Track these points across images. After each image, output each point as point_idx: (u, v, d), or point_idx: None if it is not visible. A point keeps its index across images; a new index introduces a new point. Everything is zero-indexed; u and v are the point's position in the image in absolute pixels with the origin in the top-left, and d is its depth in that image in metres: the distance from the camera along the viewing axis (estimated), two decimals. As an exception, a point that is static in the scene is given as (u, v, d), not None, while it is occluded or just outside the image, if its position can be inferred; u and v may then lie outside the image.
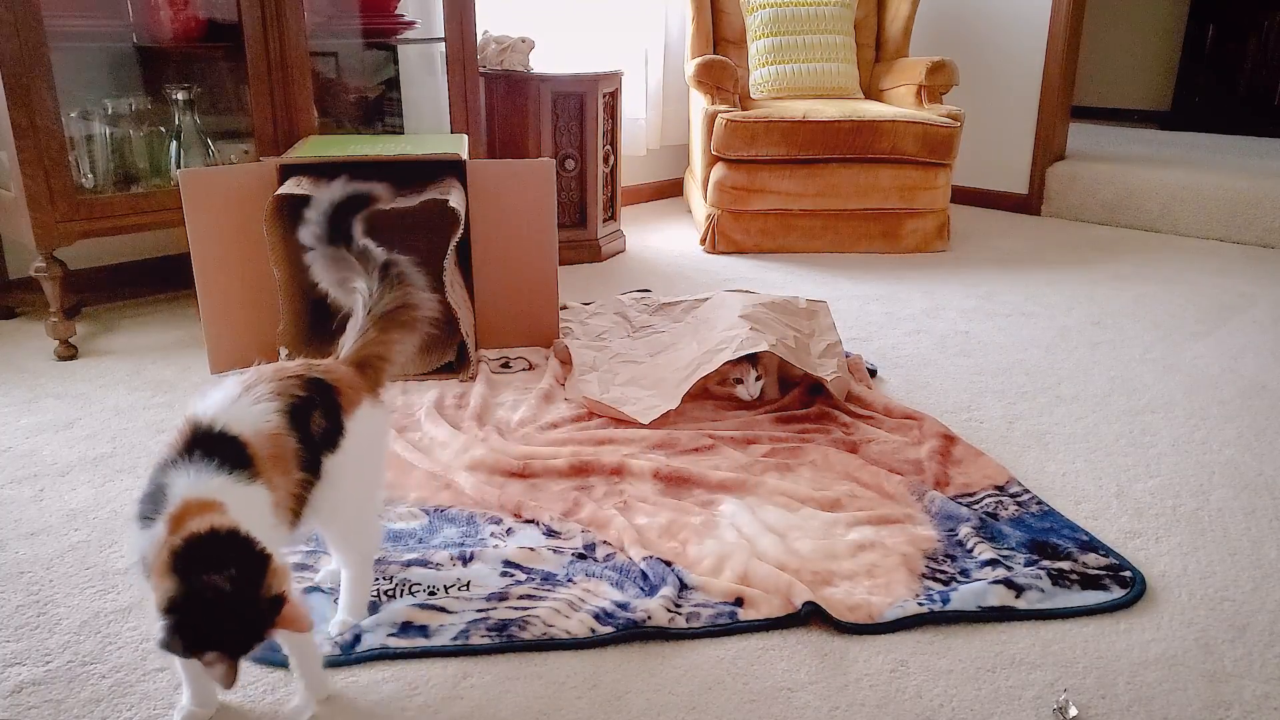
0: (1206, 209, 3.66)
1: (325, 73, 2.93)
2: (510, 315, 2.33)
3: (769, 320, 2.06)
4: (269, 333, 2.19)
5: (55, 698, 1.15)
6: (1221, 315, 2.70)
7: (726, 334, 2.00)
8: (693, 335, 2.14)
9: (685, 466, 1.69)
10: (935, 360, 2.32)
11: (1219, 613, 1.35)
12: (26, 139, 2.11)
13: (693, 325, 2.24)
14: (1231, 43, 5.22)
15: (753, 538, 1.48)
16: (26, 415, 1.94)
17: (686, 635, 1.28)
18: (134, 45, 2.52)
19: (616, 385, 2.04)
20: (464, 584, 1.36)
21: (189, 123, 2.47)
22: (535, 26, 3.52)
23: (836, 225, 3.34)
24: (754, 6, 3.63)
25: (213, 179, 2.06)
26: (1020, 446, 1.87)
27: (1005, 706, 1.16)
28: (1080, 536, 1.51)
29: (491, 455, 1.71)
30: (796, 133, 3.19)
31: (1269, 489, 1.71)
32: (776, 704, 1.16)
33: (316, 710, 1.13)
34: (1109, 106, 5.95)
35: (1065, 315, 2.69)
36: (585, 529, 1.51)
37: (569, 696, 1.17)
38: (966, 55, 4.13)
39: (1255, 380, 2.22)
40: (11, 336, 2.41)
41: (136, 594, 1.35)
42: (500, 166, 2.23)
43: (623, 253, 3.32)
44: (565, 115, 3.03)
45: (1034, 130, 4.01)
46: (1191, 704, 1.17)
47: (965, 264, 3.23)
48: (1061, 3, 3.84)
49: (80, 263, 2.65)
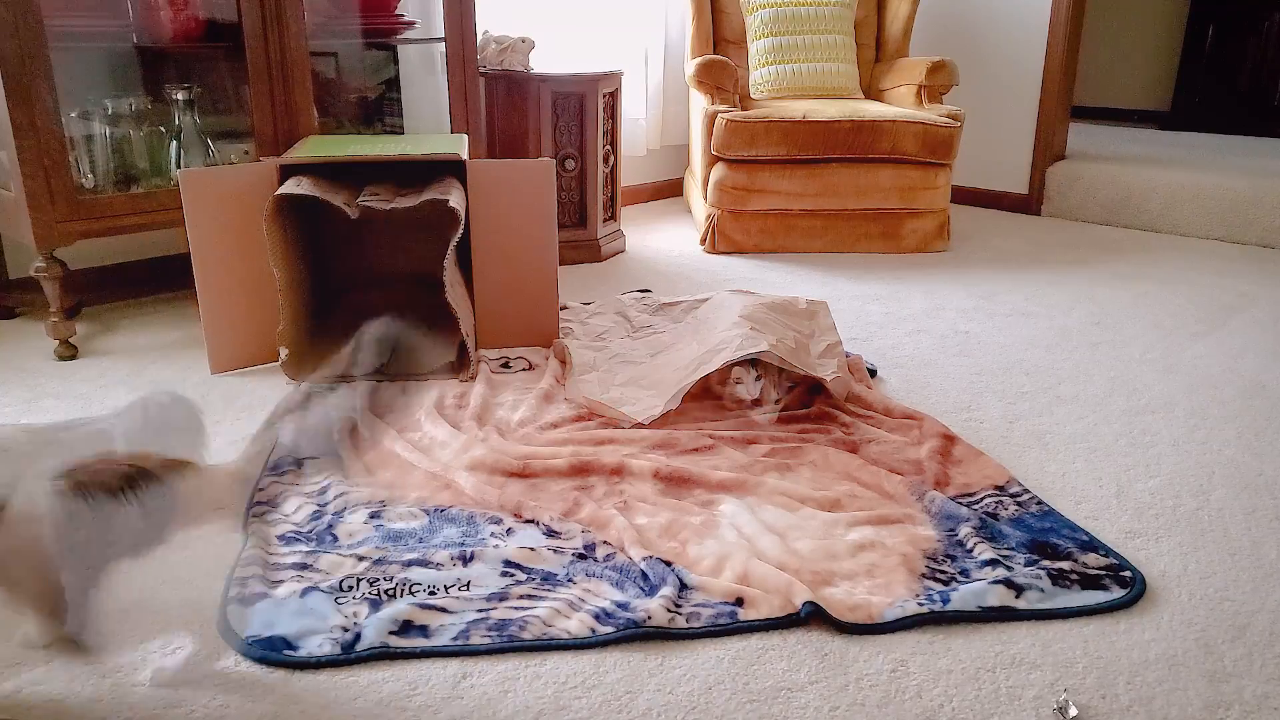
0: (1206, 209, 3.66)
1: (325, 73, 2.93)
2: (510, 315, 2.33)
3: (769, 320, 2.06)
4: (269, 333, 2.19)
5: (55, 697, 1.15)
6: (1221, 315, 2.70)
7: (726, 334, 1.99)
8: (693, 335, 2.14)
9: (685, 466, 1.69)
10: (935, 360, 2.32)
11: (1219, 613, 1.35)
12: (26, 139, 2.11)
13: (693, 325, 2.24)
14: (1231, 43, 5.22)
15: (753, 538, 1.48)
16: (26, 415, 1.94)
17: (687, 635, 1.28)
18: (134, 45, 2.52)
19: (616, 385, 2.04)
20: (464, 584, 1.36)
21: (189, 123, 2.47)
22: (535, 26, 3.52)
23: (836, 225, 3.34)
24: (754, 6, 3.63)
25: (213, 179, 2.06)
26: (1020, 446, 1.87)
27: (1005, 706, 1.16)
28: (1080, 536, 1.51)
29: (491, 455, 1.72)
30: (796, 133, 3.19)
31: (1269, 489, 1.71)
32: (776, 704, 1.16)
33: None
34: (1109, 106, 5.95)
35: (1065, 315, 2.69)
36: (585, 529, 1.51)
37: (569, 696, 1.17)
38: (966, 55, 4.13)
39: (1255, 380, 2.22)
40: (11, 336, 2.41)
41: (136, 594, 1.35)
42: (500, 166, 2.23)
43: (623, 253, 3.32)
44: (565, 115, 3.03)
45: (1034, 130, 4.01)
46: (1191, 704, 1.17)
47: (965, 264, 3.24)
48: (1061, 3, 3.84)
49: (80, 263, 2.65)
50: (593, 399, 1.95)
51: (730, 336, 1.97)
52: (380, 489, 1.64)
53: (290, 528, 1.51)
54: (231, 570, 1.39)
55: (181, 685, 1.15)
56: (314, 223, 2.49)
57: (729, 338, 1.97)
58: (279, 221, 2.07)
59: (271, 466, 1.71)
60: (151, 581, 1.38)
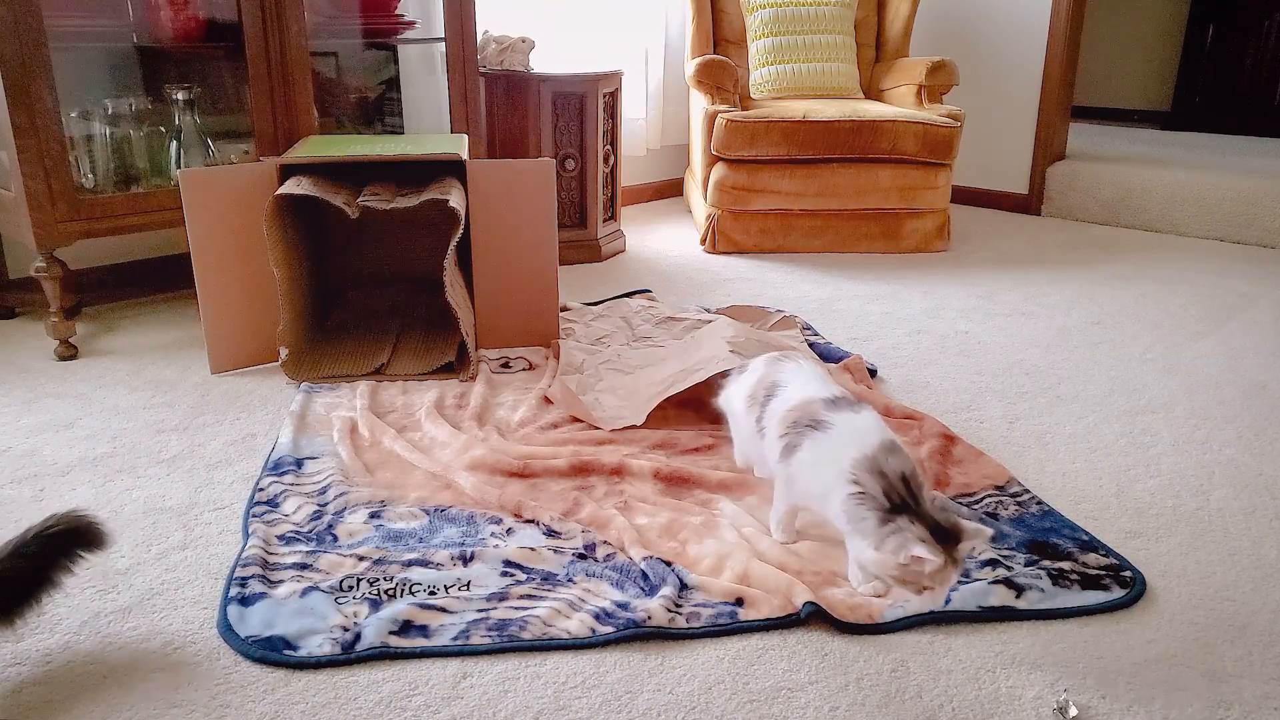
0: (1206, 209, 3.66)
1: (325, 73, 2.94)
2: (510, 315, 2.33)
3: (756, 350, 2.06)
4: (269, 333, 2.19)
5: (55, 698, 1.15)
6: (1221, 315, 2.70)
7: (706, 355, 2.00)
8: (680, 354, 2.14)
9: (685, 466, 1.69)
10: (935, 360, 2.33)
11: (1219, 613, 1.35)
12: (26, 139, 2.11)
13: (684, 345, 2.24)
14: (1231, 43, 5.22)
15: (753, 538, 1.48)
16: (26, 415, 1.94)
17: (687, 635, 1.28)
18: (134, 45, 2.53)
19: (595, 389, 2.05)
20: (464, 584, 1.36)
21: (189, 123, 2.47)
22: (535, 26, 3.52)
23: (836, 225, 3.34)
24: (754, 6, 3.63)
25: (213, 179, 2.06)
26: (1020, 446, 1.87)
27: (1005, 706, 1.16)
28: (1080, 536, 1.51)
29: (492, 455, 1.72)
30: (796, 133, 3.19)
31: (1269, 489, 1.71)
32: (776, 704, 1.16)
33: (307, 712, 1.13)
34: (1109, 106, 5.96)
35: (1065, 315, 2.69)
36: (585, 529, 1.51)
37: (569, 696, 1.17)
38: (966, 55, 4.13)
39: (1255, 380, 2.22)
40: (11, 336, 2.41)
41: (136, 594, 1.35)
42: (500, 166, 2.23)
43: (623, 253, 3.32)
44: (565, 115, 3.03)
45: (1034, 130, 4.01)
46: (1191, 704, 1.17)
47: (965, 264, 3.24)
48: (1061, 3, 3.84)
49: (80, 263, 2.65)
50: (568, 397, 1.95)
51: (707, 358, 1.97)
52: (380, 489, 1.64)
53: (290, 528, 1.51)
54: (231, 570, 1.39)
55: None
56: (314, 223, 2.49)
57: (705, 358, 1.97)
58: (279, 221, 2.07)
59: (272, 466, 1.71)
60: (152, 581, 1.38)
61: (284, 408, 1.98)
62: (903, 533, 1.19)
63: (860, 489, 1.24)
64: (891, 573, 1.21)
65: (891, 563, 1.19)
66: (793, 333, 2.43)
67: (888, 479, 1.24)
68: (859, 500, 1.24)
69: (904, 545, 1.18)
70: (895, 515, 1.21)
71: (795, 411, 1.40)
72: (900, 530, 1.19)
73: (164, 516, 1.56)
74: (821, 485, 1.31)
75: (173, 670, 1.19)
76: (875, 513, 1.22)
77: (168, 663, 1.21)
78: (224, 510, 1.58)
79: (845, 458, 1.27)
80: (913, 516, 1.20)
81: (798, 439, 1.36)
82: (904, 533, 1.19)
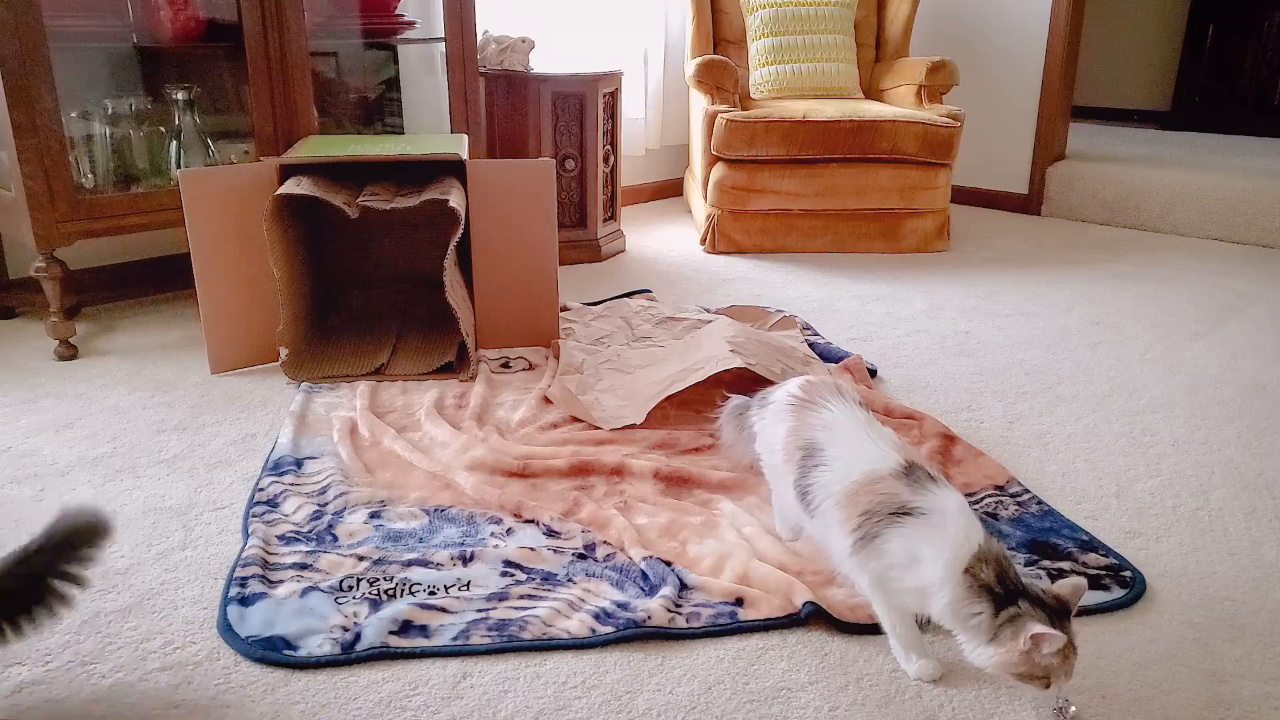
0: (1206, 209, 3.66)
1: (325, 73, 2.94)
2: (510, 315, 2.33)
3: (756, 350, 2.06)
4: (269, 333, 2.19)
5: (55, 697, 1.15)
6: (1221, 315, 2.70)
7: (705, 355, 2.00)
8: (680, 354, 2.14)
9: (685, 466, 1.69)
10: (935, 360, 2.33)
11: (1219, 613, 1.35)
12: (26, 139, 2.11)
13: (684, 345, 2.24)
14: (1231, 43, 5.23)
15: (753, 538, 1.48)
16: (26, 415, 1.94)
17: (687, 635, 1.28)
18: (134, 45, 2.53)
19: (595, 389, 2.05)
20: (464, 584, 1.36)
21: (189, 123, 2.47)
22: (535, 26, 3.52)
23: (836, 225, 3.34)
24: (754, 6, 3.63)
25: (213, 179, 2.06)
26: (1020, 446, 1.87)
27: (1005, 706, 1.16)
28: (1080, 536, 1.51)
29: (491, 455, 1.72)
30: (796, 133, 3.19)
31: (1269, 489, 1.71)
32: (776, 704, 1.16)
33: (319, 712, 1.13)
34: (1109, 106, 5.96)
35: (1065, 315, 2.69)
36: (585, 529, 1.51)
37: (569, 696, 1.17)
38: (966, 55, 4.13)
39: (1255, 380, 2.22)
40: (11, 336, 2.41)
41: (136, 594, 1.35)
42: (500, 166, 2.23)
43: (623, 253, 3.32)
44: (565, 115, 3.03)
45: (1034, 130, 4.01)
46: (1191, 704, 1.17)
47: (965, 264, 3.24)
48: (1061, 3, 3.84)
49: (80, 263, 2.65)
50: (568, 397, 1.95)
51: (707, 357, 1.97)
52: (380, 489, 1.64)
53: (290, 528, 1.51)
54: (231, 570, 1.39)
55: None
56: (314, 223, 2.49)
57: (705, 358, 1.97)
58: (279, 221, 2.07)
59: (271, 466, 1.71)
60: (152, 581, 1.38)
61: (284, 408, 1.98)
62: (1022, 618, 1.06)
63: (975, 582, 1.10)
64: (1016, 670, 1.07)
65: (1015, 655, 1.06)
66: (793, 333, 2.43)
67: (1000, 565, 1.10)
68: (973, 596, 1.09)
69: (1021, 630, 1.05)
70: (1009, 603, 1.08)
71: (866, 494, 1.18)
72: (1019, 617, 1.07)
73: (164, 516, 1.56)
74: (921, 582, 1.13)
75: (173, 670, 1.19)
76: (990, 605, 1.09)
77: (168, 663, 1.21)
78: (224, 510, 1.58)
79: (956, 554, 1.11)
80: (1026, 599, 1.08)
81: (878, 529, 1.16)
82: (1023, 618, 1.06)
